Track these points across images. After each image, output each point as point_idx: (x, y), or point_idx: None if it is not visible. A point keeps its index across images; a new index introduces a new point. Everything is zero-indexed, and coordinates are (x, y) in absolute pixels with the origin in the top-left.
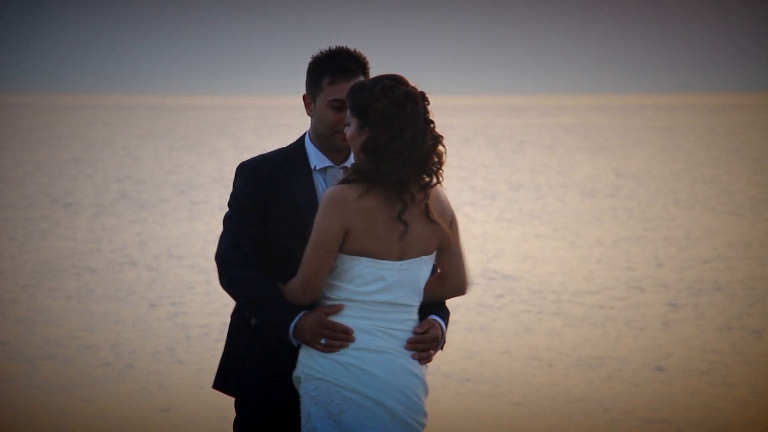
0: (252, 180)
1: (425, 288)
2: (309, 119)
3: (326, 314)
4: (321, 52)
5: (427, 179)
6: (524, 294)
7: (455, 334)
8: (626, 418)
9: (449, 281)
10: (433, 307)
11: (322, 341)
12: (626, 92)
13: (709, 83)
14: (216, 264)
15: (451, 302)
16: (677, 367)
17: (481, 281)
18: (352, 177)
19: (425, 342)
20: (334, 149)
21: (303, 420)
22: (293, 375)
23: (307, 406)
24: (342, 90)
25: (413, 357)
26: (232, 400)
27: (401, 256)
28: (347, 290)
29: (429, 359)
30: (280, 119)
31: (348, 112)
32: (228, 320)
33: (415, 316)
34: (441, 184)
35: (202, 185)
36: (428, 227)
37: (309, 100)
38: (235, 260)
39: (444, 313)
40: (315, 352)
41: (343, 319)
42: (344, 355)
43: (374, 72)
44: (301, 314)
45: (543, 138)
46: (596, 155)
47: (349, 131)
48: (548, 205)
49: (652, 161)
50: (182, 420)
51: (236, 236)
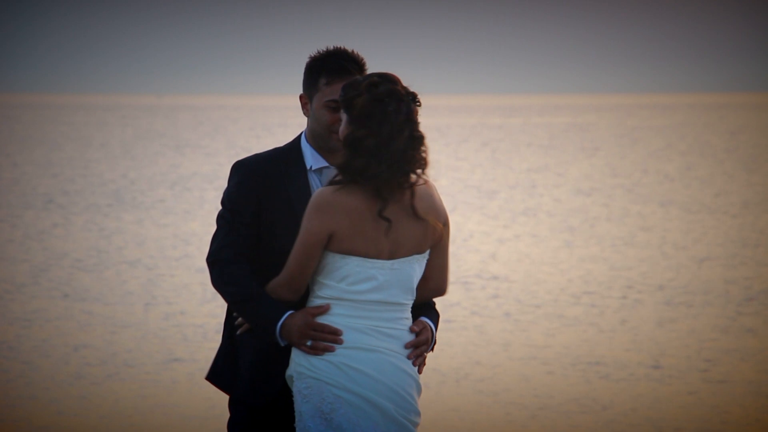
0: (246, 179)
1: None
2: (305, 119)
3: (313, 315)
4: (318, 52)
5: (409, 178)
6: (521, 294)
7: (451, 333)
8: (625, 418)
9: (431, 282)
10: (423, 309)
11: (308, 342)
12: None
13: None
14: (207, 263)
15: (448, 302)
16: (674, 366)
17: (478, 281)
18: (339, 178)
19: (419, 345)
20: (330, 149)
21: (296, 419)
22: (286, 373)
23: (300, 405)
24: (338, 90)
25: (413, 362)
26: (227, 399)
27: (392, 255)
28: (338, 289)
29: (424, 362)
30: (277, 119)
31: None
32: (223, 320)
33: (408, 315)
34: (428, 184)
35: (198, 185)
36: (418, 226)
37: (306, 100)
38: (226, 260)
39: (434, 315)
40: None
41: (335, 318)
42: (336, 354)
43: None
44: (288, 314)
45: (538, 137)
46: (592, 155)
47: (341, 126)
48: (544, 205)
49: (648, 161)
50: (179, 419)
51: (228, 236)
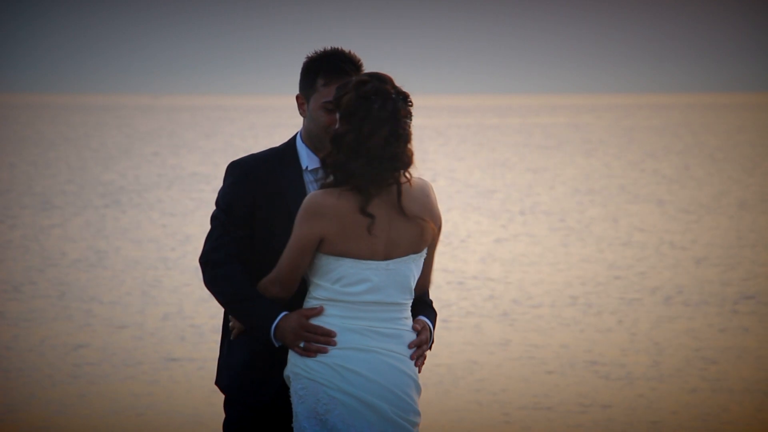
0: (241, 179)
1: None
2: (303, 119)
3: (307, 316)
4: (315, 53)
5: (393, 176)
6: (518, 294)
7: (447, 333)
8: (624, 417)
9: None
10: (421, 308)
11: (301, 344)
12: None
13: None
14: (200, 264)
15: (445, 302)
16: (672, 366)
17: (475, 281)
18: (329, 180)
19: (421, 344)
20: (326, 150)
21: (293, 419)
22: (284, 373)
23: (296, 406)
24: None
25: (415, 362)
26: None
27: (388, 256)
28: (332, 291)
29: (424, 361)
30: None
31: None
32: (222, 320)
33: (408, 314)
34: (422, 183)
35: (196, 185)
36: (412, 225)
37: (302, 101)
38: (219, 260)
39: (431, 314)
40: None
41: (329, 319)
42: (330, 355)
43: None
44: (282, 315)
45: (536, 138)
46: (590, 155)
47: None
48: (541, 205)
49: (646, 161)
50: (177, 419)
51: (221, 237)
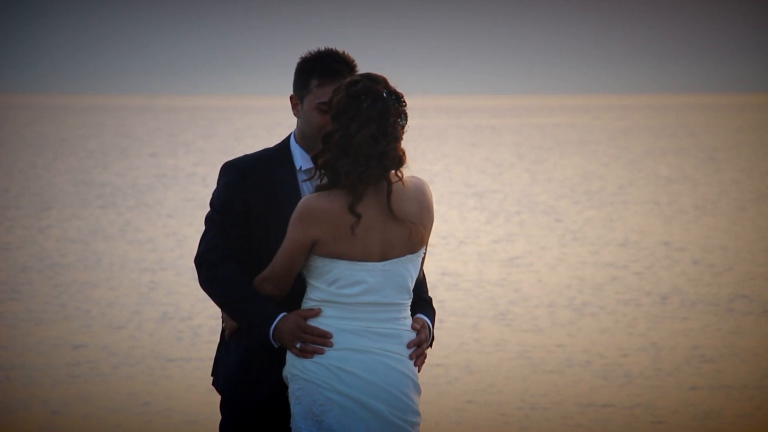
0: (235, 180)
1: None
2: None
3: (305, 318)
4: (309, 54)
5: (381, 175)
6: (515, 294)
7: (444, 333)
8: (622, 417)
9: None
10: (420, 306)
11: (297, 345)
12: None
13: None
14: (195, 265)
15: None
16: (671, 364)
17: (472, 281)
18: (324, 183)
19: (421, 343)
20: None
21: (291, 419)
22: (282, 374)
23: (293, 406)
24: (329, 92)
25: (415, 362)
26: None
27: (384, 257)
28: (328, 292)
29: (424, 360)
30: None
31: None
32: (219, 321)
33: (407, 314)
34: (405, 182)
35: (195, 186)
36: (403, 226)
37: (296, 101)
38: (214, 261)
39: (430, 312)
40: None
41: (326, 320)
42: (327, 356)
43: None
44: (281, 317)
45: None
46: (586, 156)
47: None
48: (539, 205)
49: (643, 161)
50: (174, 418)
51: (216, 237)
